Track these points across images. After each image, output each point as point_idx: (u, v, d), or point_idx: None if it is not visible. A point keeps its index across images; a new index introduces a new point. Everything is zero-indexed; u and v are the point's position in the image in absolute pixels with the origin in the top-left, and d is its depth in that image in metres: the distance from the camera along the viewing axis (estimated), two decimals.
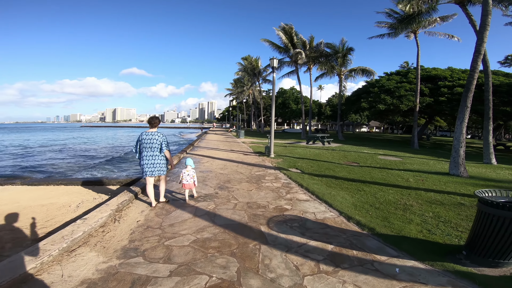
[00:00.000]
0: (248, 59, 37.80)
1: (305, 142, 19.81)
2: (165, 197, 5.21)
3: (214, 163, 9.74)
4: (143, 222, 4.15)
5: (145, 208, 4.81)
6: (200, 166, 9.16)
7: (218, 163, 9.88)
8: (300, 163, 10.10)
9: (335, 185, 6.76)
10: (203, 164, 9.60)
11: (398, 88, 21.96)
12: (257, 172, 8.13)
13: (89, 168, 13.96)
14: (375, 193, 6.16)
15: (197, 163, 9.73)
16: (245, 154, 12.59)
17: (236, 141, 21.14)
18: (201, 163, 9.72)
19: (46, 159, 17.74)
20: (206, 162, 9.94)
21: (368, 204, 5.33)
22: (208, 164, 9.59)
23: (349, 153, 14.06)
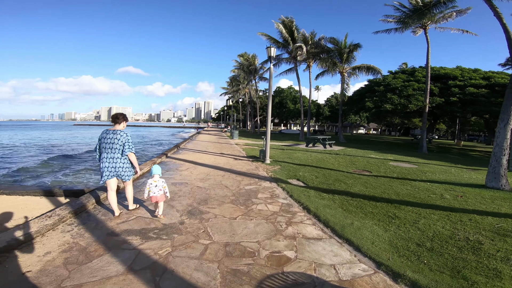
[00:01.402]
0: (245, 56, 35.81)
1: (305, 145, 17.96)
2: (135, 202, 4.54)
3: (195, 171, 7.80)
4: (35, 274, 2.27)
5: (61, 245, 2.90)
6: (175, 175, 7.22)
7: (200, 171, 7.94)
8: (302, 171, 8.21)
9: (355, 208, 4.88)
10: (181, 172, 7.65)
11: (405, 87, 20.25)
12: (248, 186, 6.21)
13: (58, 171, 11.93)
14: (414, 220, 4.34)
15: (174, 171, 7.79)
16: (236, 159, 10.67)
17: (228, 143, 19.20)
18: (179, 171, 7.77)
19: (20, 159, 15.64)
20: (185, 170, 7.99)
21: (414, 242, 3.52)
22: (187, 172, 7.65)
23: (355, 158, 12.22)
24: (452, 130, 59.97)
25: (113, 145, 3.90)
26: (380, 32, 21.06)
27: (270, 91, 9.58)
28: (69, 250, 3.04)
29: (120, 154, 3.97)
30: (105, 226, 3.76)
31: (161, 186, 4.01)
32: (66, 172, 11.92)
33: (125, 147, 3.97)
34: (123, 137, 3.95)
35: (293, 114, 49.89)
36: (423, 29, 18.56)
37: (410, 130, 71.69)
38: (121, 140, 3.93)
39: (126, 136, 3.98)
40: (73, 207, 4.23)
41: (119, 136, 3.92)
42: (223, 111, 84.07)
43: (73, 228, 3.65)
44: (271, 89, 9.63)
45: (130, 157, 4.07)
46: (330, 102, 48.29)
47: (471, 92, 19.59)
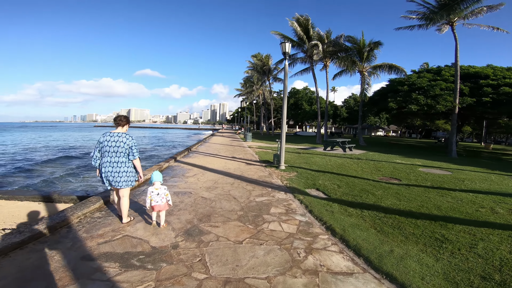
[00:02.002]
0: (258, 57, 35.08)
1: (322, 148, 16.92)
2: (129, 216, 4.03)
3: (203, 178, 7.10)
4: None
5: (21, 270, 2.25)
6: (180, 182, 6.54)
7: (208, 177, 7.23)
8: (322, 179, 7.31)
9: (391, 229, 3.97)
10: (187, 179, 6.97)
11: (432, 87, 18.70)
12: (259, 198, 5.40)
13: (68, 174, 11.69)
14: (470, 244, 3.45)
15: (179, 177, 7.14)
16: (248, 164, 9.90)
17: (241, 145, 18.50)
18: (185, 178, 7.10)
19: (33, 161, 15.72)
20: (192, 176, 7.31)
21: (478, 275, 2.75)
22: (193, 179, 6.96)
23: (380, 164, 11.11)
24: (477, 132, 56.23)
25: (119, 148, 3.61)
26: (403, 28, 19.82)
27: (285, 90, 8.77)
28: (29, 278, 2.41)
29: (126, 158, 3.68)
30: (83, 246, 3.11)
31: (163, 194, 3.68)
32: (76, 174, 11.66)
33: (133, 151, 3.69)
34: (129, 140, 3.68)
35: (309, 115, 48.50)
36: (449, 25, 17.17)
37: (432, 132, 68.60)
38: (127, 144, 3.65)
39: (132, 140, 3.71)
40: (52, 220, 3.63)
41: (125, 139, 3.64)
42: (237, 112, 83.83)
43: (44, 248, 3.05)
44: (286, 88, 8.81)
45: (136, 162, 3.78)
46: (348, 103, 46.51)
47: (506, 92, 17.79)
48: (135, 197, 5.18)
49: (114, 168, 3.64)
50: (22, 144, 29.47)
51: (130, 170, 3.76)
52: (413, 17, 18.47)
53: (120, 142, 3.64)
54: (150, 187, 3.70)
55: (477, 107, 18.63)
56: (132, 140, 3.72)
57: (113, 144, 3.62)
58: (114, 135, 3.66)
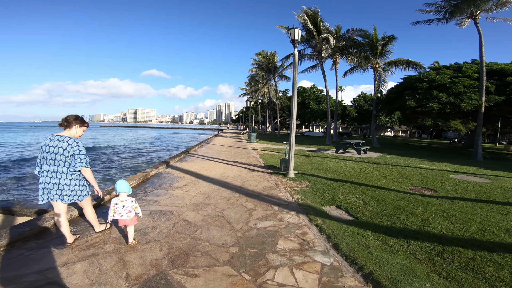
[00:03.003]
0: (263, 54, 33.58)
1: (334, 150, 15.45)
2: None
3: (193, 190, 5.77)
4: None
5: None
6: (163, 196, 5.22)
7: (200, 189, 5.90)
8: (342, 192, 5.90)
9: (464, 272, 2.65)
10: (173, 191, 5.65)
11: (455, 84, 17.02)
12: (262, 222, 4.02)
13: None
14: None
15: (165, 189, 5.83)
16: (251, 170, 8.54)
17: (245, 147, 17.15)
18: (171, 189, 5.79)
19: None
20: (182, 187, 5.99)
21: None
22: (180, 192, 5.63)
23: (403, 170, 9.61)
24: (488, 132, 53.59)
25: (56, 155, 2.96)
26: (420, 22, 18.35)
27: (295, 84, 7.39)
28: None
29: (65, 168, 3.00)
30: None
31: (130, 207, 3.14)
32: None
33: (76, 160, 3.00)
34: (71, 146, 2.97)
35: (317, 115, 46.74)
36: (472, 19, 15.60)
37: (442, 132, 66.50)
38: (67, 150, 2.96)
39: (76, 146, 3.00)
40: None
41: (65, 145, 2.95)
42: (242, 112, 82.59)
43: None
44: (296, 81, 7.43)
45: (85, 173, 3.11)
46: (357, 102, 44.65)
47: None
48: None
49: (53, 178, 2.99)
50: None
51: (76, 183, 3.08)
52: (431, 11, 17.13)
53: (59, 148, 2.96)
54: (114, 198, 3.15)
55: (505, 105, 16.90)
56: (77, 146, 3.00)
57: (51, 150, 2.96)
58: (55, 138, 3.00)
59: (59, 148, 2.96)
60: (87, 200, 3.25)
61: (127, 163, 14.94)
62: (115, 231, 3.51)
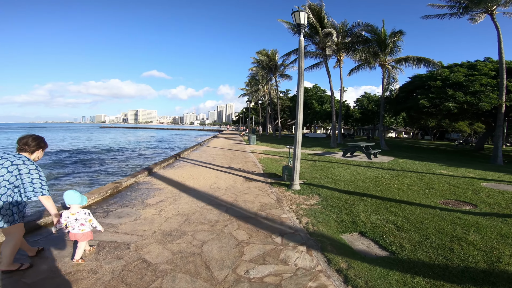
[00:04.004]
0: (263, 52, 32.24)
1: (340, 154, 14.11)
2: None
3: (170, 210, 4.44)
4: None
5: None
6: (128, 218, 3.90)
7: (179, 207, 4.58)
8: (363, 211, 4.55)
9: None
10: (145, 210, 4.33)
11: (471, 82, 15.68)
12: (257, 269, 2.65)
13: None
14: None
15: (134, 206, 4.51)
16: (248, 179, 7.21)
17: (243, 150, 15.83)
18: (143, 207, 4.46)
19: None
20: (155, 205, 4.66)
21: None
22: (153, 211, 4.31)
23: (425, 177, 8.26)
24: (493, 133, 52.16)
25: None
26: (432, 17, 17.10)
27: (301, 77, 6.07)
28: None
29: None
30: None
31: (83, 220, 2.67)
32: None
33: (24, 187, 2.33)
34: (19, 165, 2.34)
35: (320, 116, 45.26)
36: (488, 14, 14.39)
37: (446, 134, 65.43)
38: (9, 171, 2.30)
39: (23, 164, 2.35)
40: None
41: (7, 163, 2.32)
42: (242, 113, 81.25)
43: None
44: (302, 71, 6.12)
45: (43, 202, 2.43)
46: (360, 103, 43.20)
47: None
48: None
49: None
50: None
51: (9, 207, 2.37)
52: (443, 6, 15.98)
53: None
54: (64, 211, 2.66)
55: None
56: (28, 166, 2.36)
57: None
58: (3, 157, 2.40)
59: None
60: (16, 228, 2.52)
61: (112, 168, 13.54)
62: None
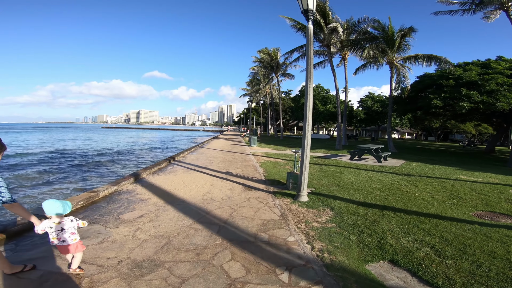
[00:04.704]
0: (265, 51, 31.33)
1: (348, 157, 13.18)
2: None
3: (147, 229, 3.54)
4: None
5: None
6: (93, 240, 3.00)
7: (160, 225, 3.68)
8: (389, 229, 3.63)
9: None
10: (117, 228, 3.44)
11: (487, 81, 14.74)
12: None
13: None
14: None
15: (107, 223, 3.63)
16: (246, 188, 6.31)
17: (244, 152, 14.93)
18: (117, 223, 3.58)
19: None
20: (132, 222, 3.76)
21: None
22: (126, 230, 3.41)
23: (447, 184, 7.33)
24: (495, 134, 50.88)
25: None
26: (443, 13, 16.26)
27: (311, 67, 5.19)
28: None
29: None
30: None
31: (72, 228, 2.38)
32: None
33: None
34: None
35: (323, 116, 44.22)
36: (503, 10, 13.56)
37: (449, 135, 64.60)
38: None
39: None
40: None
41: None
42: (243, 114, 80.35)
43: None
44: (311, 60, 5.24)
45: (12, 209, 2.25)
46: (364, 103, 42.18)
47: None
48: None
49: None
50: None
51: None
52: (455, 2, 15.22)
53: None
54: (46, 221, 2.35)
55: None
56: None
57: None
58: None
59: None
60: None
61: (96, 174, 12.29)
62: None
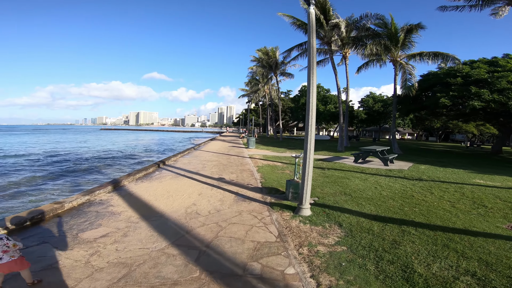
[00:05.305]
0: (263, 50, 30.60)
1: (351, 160, 12.40)
2: None
3: (106, 254, 2.73)
4: None
5: None
6: (37, 262, 2.24)
7: (125, 248, 2.88)
8: (414, 254, 2.85)
9: None
10: (71, 250, 2.62)
11: (497, 79, 13.98)
12: None
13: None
14: None
15: (59, 244, 2.81)
16: (240, 197, 5.51)
17: (241, 154, 14.15)
18: (71, 245, 2.76)
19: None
20: (91, 243, 2.94)
21: None
22: (78, 255, 2.61)
23: (465, 190, 6.55)
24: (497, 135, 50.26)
25: None
26: (449, 9, 15.40)
27: (313, 54, 4.43)
28: None
29: None
30: None
31: (3, 246, 2.12)
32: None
33: None
34: None
35: (323, 116, 43.42)
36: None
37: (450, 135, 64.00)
38: None
39: None
40: None
41: None
42: (242, 115, 79.51)
43: None
44: (314, 50, 4.47)
45: None
46: (365, 103, 41.39)
47: None
48: None
49: None
50: None
51: None
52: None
53: None
54: None
55: None
56: None
57: None
58: None
59: None
60: None
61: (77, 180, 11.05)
62: None
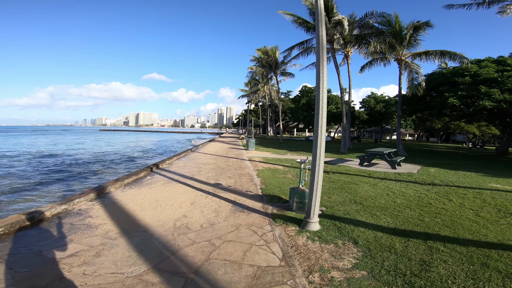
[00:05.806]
0: (263, 50, 30.02)
1: (357, 162, 11.80)
2: None
3: (71, 280, 2.17)
4: None
5: None
6: None
7: (96, 273, 2.29)
8: (450, 279, 2.30)
9: None
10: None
11: (508, 78, 13.42)
12: None
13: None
14: None
15: (20, 262, 2.20)
16: (237, 207, 4.91)
17: (240, 157, 13.53)
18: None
19: None
20: (58, 261, 2.39)
21: None
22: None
23: (485, 196, 5.95)
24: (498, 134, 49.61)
25: None
26: (456, 7, 14.87)
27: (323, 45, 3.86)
28: None
29: None
30: None
31: None
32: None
33: None
34: None
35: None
36: None
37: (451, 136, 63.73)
38: None
39: None
40: None
41: None
42: (242, 116, 78.91)
43: None
44: (324, 39, 3.92)
45: None
46: (367, 104, 40.86)
47: None
48: None
49: None
50: None
51: None
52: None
53: None
54: None
55: None
56: None
57: None
58: None
59: None
60: None
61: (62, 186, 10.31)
62: None
